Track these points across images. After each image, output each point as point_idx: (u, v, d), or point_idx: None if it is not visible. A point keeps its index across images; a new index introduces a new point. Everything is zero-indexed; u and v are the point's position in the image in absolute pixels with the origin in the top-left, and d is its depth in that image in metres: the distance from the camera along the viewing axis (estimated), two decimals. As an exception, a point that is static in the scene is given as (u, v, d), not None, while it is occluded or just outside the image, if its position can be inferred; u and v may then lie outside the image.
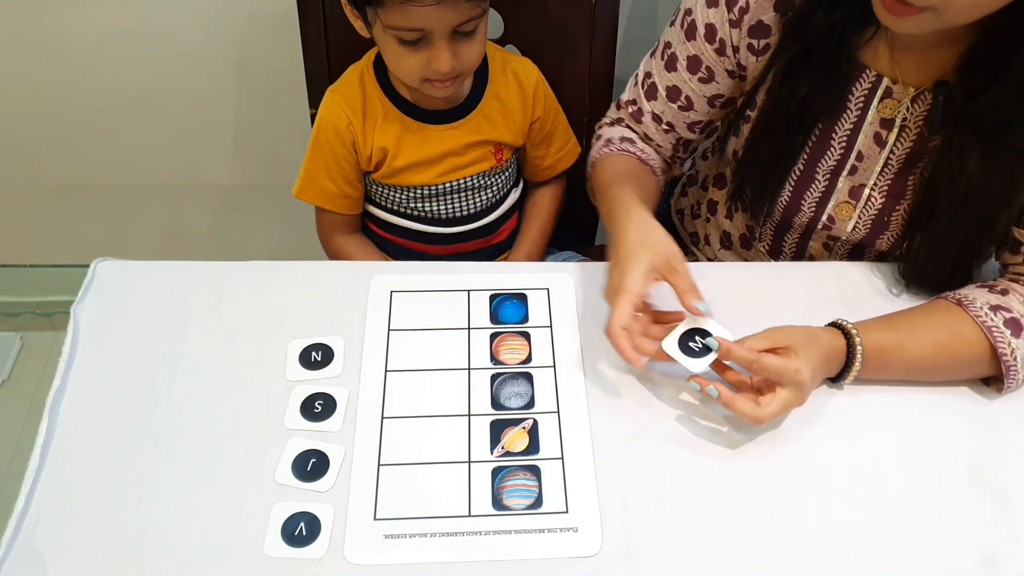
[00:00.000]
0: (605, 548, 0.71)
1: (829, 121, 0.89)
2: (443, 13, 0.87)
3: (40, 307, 1.80)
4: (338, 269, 0.92)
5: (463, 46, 0.92)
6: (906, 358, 0.81)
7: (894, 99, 0.86)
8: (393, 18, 0.88)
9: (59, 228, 1.66)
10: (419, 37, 0.89)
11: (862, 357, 0.80)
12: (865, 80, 0.86)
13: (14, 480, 0.73)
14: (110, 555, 0.70)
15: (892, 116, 0.86)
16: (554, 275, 0.93)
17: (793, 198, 0.94)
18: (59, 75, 1.38)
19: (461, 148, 1.04)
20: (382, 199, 1.10)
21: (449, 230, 1.12)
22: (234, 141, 1.50)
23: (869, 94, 0.86)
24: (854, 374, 0.80)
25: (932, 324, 0.82)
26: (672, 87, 0.96)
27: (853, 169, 0.90)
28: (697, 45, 0.92)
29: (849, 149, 0.89)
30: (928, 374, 0.82)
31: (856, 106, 0.87)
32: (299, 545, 0.71)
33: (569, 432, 0.79)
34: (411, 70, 0.93)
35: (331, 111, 1.02)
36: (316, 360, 0.83)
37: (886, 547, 0.72)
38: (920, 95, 0.85)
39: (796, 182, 0.93)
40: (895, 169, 0.89)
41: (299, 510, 0.73)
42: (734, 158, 0.98)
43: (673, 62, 0.95)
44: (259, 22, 1.32)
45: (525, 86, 1.07)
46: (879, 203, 0.91)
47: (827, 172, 0.91)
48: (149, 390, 0.81)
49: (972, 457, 0.78)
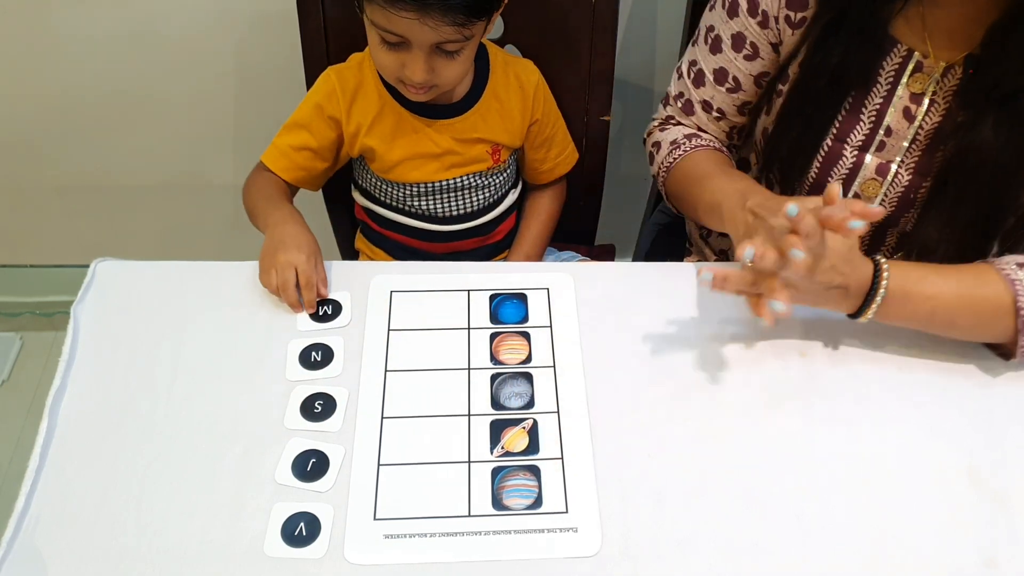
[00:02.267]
0: (605, 548, 0.71)
1: (859, 95, 0.90)
2: (423, 28, 0.87)
3: (40, 307, 1.80)
4: (338, 269, 0.92)
5: (442, 63, 0.92)
6: (929, 294, 0.79)
7: (924, 73, 0.87)
8: (377, 17, 0.88)
9: (59, 228, 1.66)
10: (400, 41, 0.90)
11: (887, 285, 0.77)
12: (896, 55, 0.87)
13: (14, 480, 0.73)
14: (110, 555, 0.70)
15: (922, 91, 0.87)
16: (554, 275, 0.93)
17: (820, 175, 0.94)
18: (59, 75, 1.39)
19: (457, 145, 1.05)
20: (381, 194, 1.11)
21: (446, 228, 1.12)
22: (234, 141, 1.51)
23: (900, 68, 0.88)
24: (876, 305, 0.78)
25: (959, 271, 0.81)
26: (719, 69, 0.97)
27: (881, 145, 0.91)
28: (740, 21, 0.93)
29: (878, 124, 0.90)
30: (951, 320, 0.80)
31: (887, 80, 0.88)
32: (299, 545, 0.71)
33: (569, 432, 0.79)
34: (387, 67, 0.94)
35: (324, 84, 1.03)
36: (316, 360, 0.84)
37: (886, 547, 0.72)
38: (950, 69, 0.86)
39: (823, 159, 0.93)
40: (922, 145, 0.89)
41: (299, 510, 0.73)
42: (763, 136, 0.99)
43: (718, 43, 0.96)
44: (259, 22, 1.32)
45: (525, 87, 1.07)
46: (905, 180, 0.91)
47: (855, 148, 0.92)
48: (149, 390, 0.81)
49: (972, 457, 0.78)
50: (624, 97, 1.48)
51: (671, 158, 1.01)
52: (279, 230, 0.91)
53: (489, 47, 1.06)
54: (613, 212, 1.40)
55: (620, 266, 0.97)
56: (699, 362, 0.84)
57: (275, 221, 0.93)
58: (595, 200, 1.27)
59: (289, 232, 0.90)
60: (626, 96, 1.48)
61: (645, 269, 0.94)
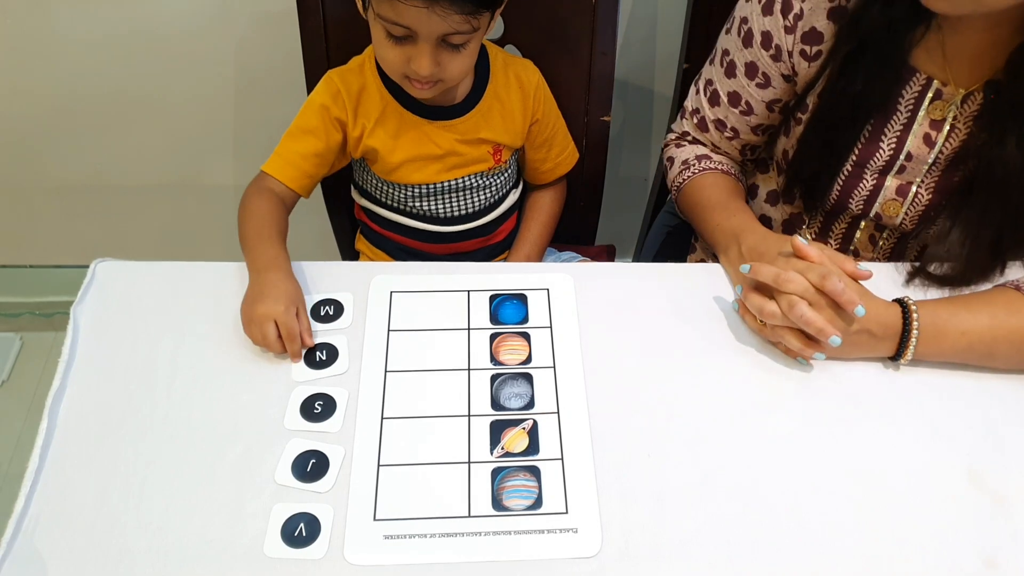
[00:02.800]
0: (605, 548, 0.71)
1: (879, 122, 0.91)
2: (431, 18, 0.86)
3: (40, 307, 1.80)
4: (338, 269, 0.92)
5: (448, 56, 0.92)
6: (963, 329, 0.81)
7: (944, 100, 0.88)
8: (384, 9, 0.88)
9: (59, 228, 1.66)
10: (406, 35, 0.89)
11: (919, 323, 0.80)
12: (915, 83, 0.88)
13: (14, 480, 0.73)
14: (110, 555, 0.70)
15: (942, 118, 0.89)
16: (554, 275, 0.93)
17: (841, 196, 0.96)
18: (59, 75, 1.39)
19: (459, 146, 1.04)
20: (382, 195, 1.11)
21: (447, 229, 1.12)
22: (234, 141, 1.51)
23: (919, 97, 0.89)
24: (912, 346, 0.81)
25: (988, 303, 0.83)
26: (732, 92, 0.99)
27: (901, 169, 0.92)
28: (754, 52, 0.95)
29: (899, 150, 0.91)
30: (989, 352, 0.82)
31: (906, 108, 0.90)
32: (299, 546, 0.71)
33: (569, 433, 0.79)
34: (392, 63, 0.93)
35: (328, 87, 1.02)
36: (321, 360, 0.84)
37: (886, 547, 0.72)
38: (970, 95, 0.87)
39: (844, 182, 0.95)
40: (943, 167, 0.91)
41: (299, 511, 0.73)
42: (784, 157, 1.01)
43: (732, 69, 0.98)
44: (259, 21, 1.32)
45: (526, 87, 1.07)
46: (926, 199, 0.93)
47: (875, 172, 0.94)
48: (149, 390, 0.81)
49: (972, 457, 0.78)
50: (624, 97, 1.48)
51: (681, 178, 1.04)
52: (260, 278, 0.86)
53: (489, 47, 1.06)
54: (613, 212, 1.40)
55: (620, 266, 0.97)
56: (699, 362, 0.84)
57: (259, 267, 0.88)
58: (595, 200, 1.27)
59: (269, 281, 0.86)
60: (626, 96, 1.48)
61: (645, 269, 0.94)
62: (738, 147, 1.05)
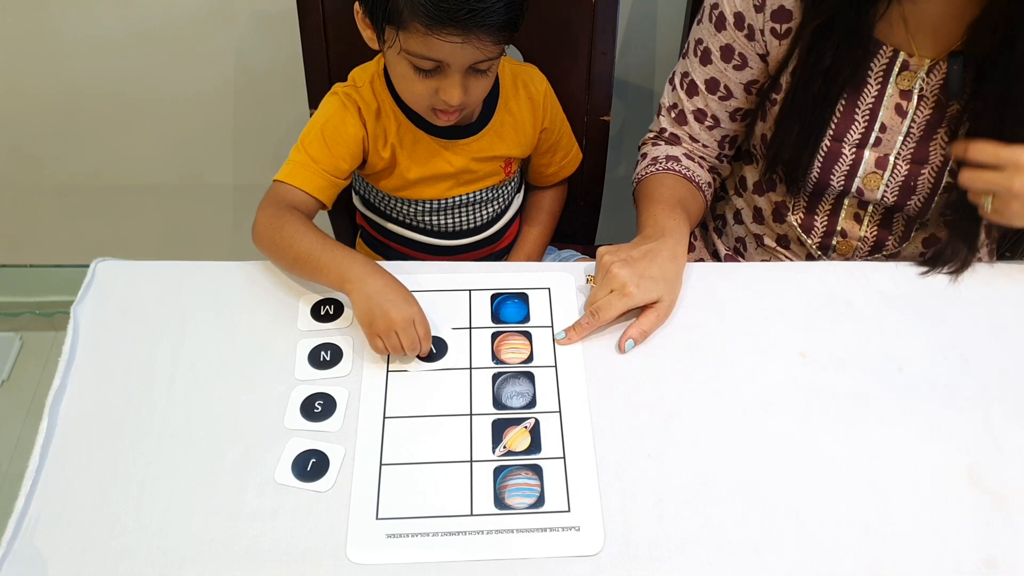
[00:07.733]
0: (607, 547, 0.71)
1: (852, 96, 0.93)
2: (465, 50, 0.84)
3: (40, 307, 1.80)
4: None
5: (474, 81, 0.90)
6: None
7: (911, 71, 0.91)
8: (413, 45, 0.85)
9: (59, 228, 1.66)
10: (435, 67, 0.87)
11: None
12: (883, 56, 0.91)
13: (14, 480, 0.73)
14: (110, 555, 0.70)
15: (910, 88, 0.92)
16: (555, 275, 0.93)
17: (822, 174, 0.98)
18: (59, 75, 1.38)
19: (473, 164, 1.02)
20: (387, 208, 1.08)
21: (454, 243, 1.10)
22: (234, 141, 1.50)
23: (887, 68, 0.92)
24: None
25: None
26: (710, 79, 1.00)
27: (877, 141, 0.95)
28: (728, 34, 0.96)
29: (872, 122, 0.94)
30: None
31: (876, 80, 0.92)
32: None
33: (571, 431, 0.79)
34: (419, 96, 0.91)
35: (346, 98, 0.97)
36: (325, 360, 0.84)
37: (886, 547, 0.72)
38: (935, 66, 0.90)
39: (824, 158, 0.97)
40: (917, 137, 0.94)
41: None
42: (762, 142, 1.02)
43: (707, 55, 0.99)
44: (259, 22, 1.32)
45: (535, 97, 1.05)
46: (904, 170, 0.95)
47: (852, 146, 0.95)
48: (149, 390, 0.81)
49: (972, 457, 0.78)
50: (624, 97, 1.48)
51: (644, 172, 1.05)
52: (367, 285, 0.83)
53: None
54: (613, 212, 1.39)
55: (620, 266, 0.97)
56: (700, 362, 0.84)
57: (353, 276, 0.83)
58: (595, 200, 1.27)
59: (380, 285, 0.83)
60: (626, 96, 1.48)
61: (645, 269, 0.94)
62: (718, 137, 1.04)
